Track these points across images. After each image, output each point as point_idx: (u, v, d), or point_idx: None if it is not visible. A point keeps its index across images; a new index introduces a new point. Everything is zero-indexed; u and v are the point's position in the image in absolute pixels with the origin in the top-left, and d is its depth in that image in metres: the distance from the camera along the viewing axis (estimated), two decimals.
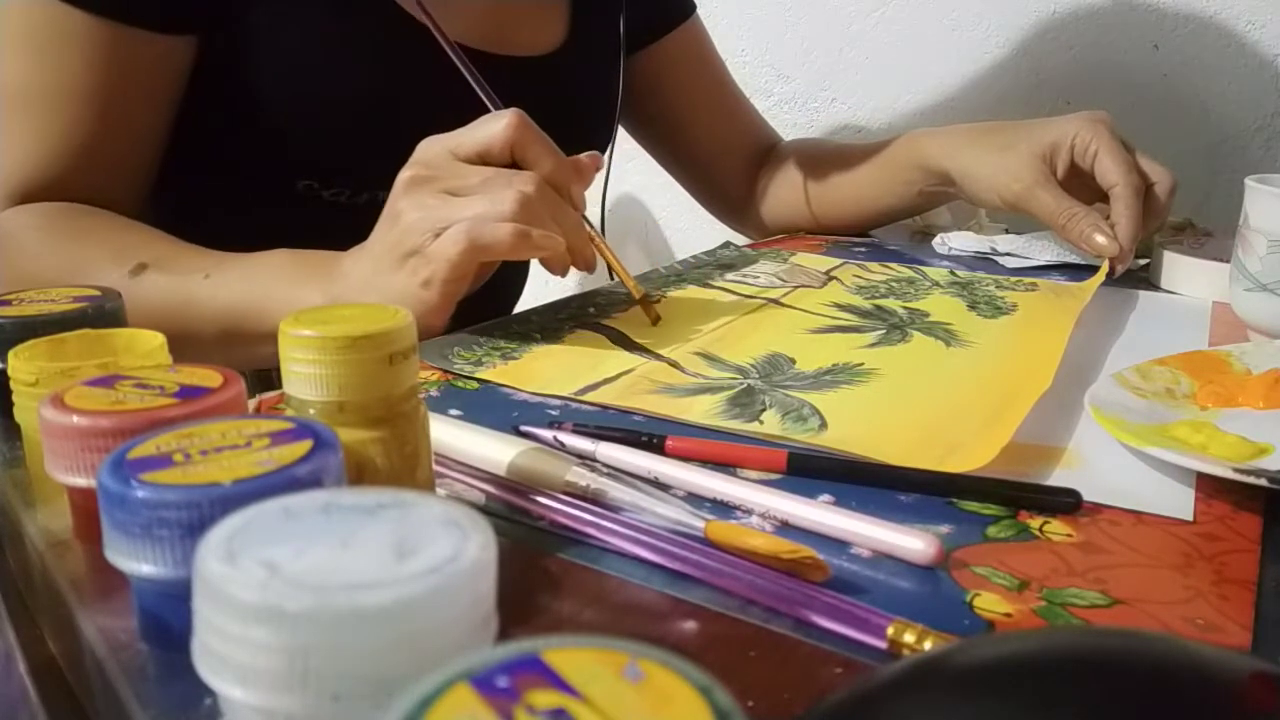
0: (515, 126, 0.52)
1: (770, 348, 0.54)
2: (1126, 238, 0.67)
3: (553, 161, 0.53)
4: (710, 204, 0.97)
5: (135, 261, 0.57)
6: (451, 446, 0.38)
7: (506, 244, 0.49)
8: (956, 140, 0.77)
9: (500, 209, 0.50)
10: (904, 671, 0.21)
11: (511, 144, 0.52)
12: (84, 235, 0.59)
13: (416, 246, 0.51)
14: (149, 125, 0.64)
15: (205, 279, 0.56)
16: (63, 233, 0.59)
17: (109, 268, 0.57)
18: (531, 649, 0.17)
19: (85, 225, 0.60)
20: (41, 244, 0.59)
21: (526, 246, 0.50)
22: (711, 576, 0.30)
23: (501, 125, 0.52)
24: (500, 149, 0.52)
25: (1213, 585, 0.31)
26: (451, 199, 0.51)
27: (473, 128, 0.53)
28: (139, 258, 0.57)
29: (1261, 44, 0.93)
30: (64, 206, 0.61)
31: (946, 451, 0.39)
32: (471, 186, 0.51)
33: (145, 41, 0.60)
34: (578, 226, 0.55)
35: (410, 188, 0.52)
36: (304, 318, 0.31)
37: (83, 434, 0.29)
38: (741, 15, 1.22)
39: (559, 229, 0.52)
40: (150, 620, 0.27)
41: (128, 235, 0.60)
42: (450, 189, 0.51)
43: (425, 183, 0.52)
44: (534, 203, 0.51)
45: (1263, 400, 0.44)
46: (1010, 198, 0.72)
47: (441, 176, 0.52)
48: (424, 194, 0.51)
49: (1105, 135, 0.70)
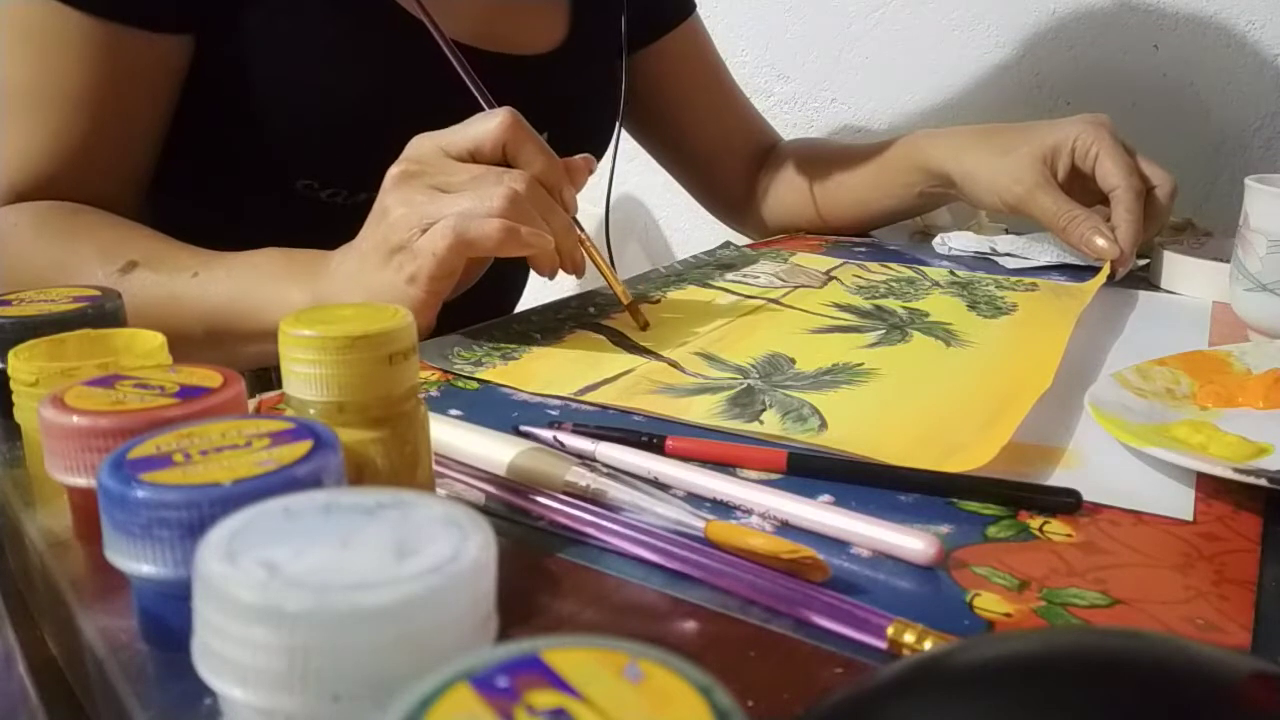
0: (507, 125, 0.52)
1: (770, 348, 0.54)
2: (1127, 241, 0.67)
3: (544, 161, 0.53)
4: (710, 204, 0.97)
5: (125, 259, 0.57)
6: (451, 446, 0.38)
7: (494, 239, 0.49)
8: (957, 142, 0.77)
9: (489, 205, 0.49)
10: (904, 671, 0.21)
11: (503, 143, 0.52)
12: (74, 233, 0.59)
13: (403, 242, 0.50)
14: (145, 125, 0.64)
15: (193, 277, 0.56)
16: (53, 231, 0.59)
17: (98, 265, 0.57)
18: (531, 649, 0.17)
19: (75, 224, 0.60)
20: (31, 243, 0.59)
21: (514, 243, 0.49)
22: (711, 576, 0.30)
23: (494, 124, 0.52)
24: (491, 147, 0.52)
25: (1213, 585, 0.31)
26: (440, 195, 0.51)
27: (465, 125, 0.53)
28: (129, 255, 0.57)
29: (1261, 44, 0.93)
30: (55, 205, 0.60)
31: (946, 451, 0.39)
32: (461, 183, 0.51)
33: (141, 41, 0.60)
34: (568, 228, 0.54)
35: (399, 183, 0.52)
36: (304, 318, 0.31)
37: (83, 434, 0.29)
38: (741, 15, 1.22)
39: (548, 229, 0.52)
40: (150, 620, 0.27)
41: (118, 233, 0.60)
42: (439, 185, 0.51)
43: (414, 178, 0.51)
44: (523, 200, 0.50)
45: (1263, 400, 0.44)
46: (1011, 200, 0.72)
47: (430, 173, 0.51)
48: (412, 190, 0.51)
49: (1106, 138, 0.70)
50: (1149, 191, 0.70)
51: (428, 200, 0.50)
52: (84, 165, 0.61)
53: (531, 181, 0.51)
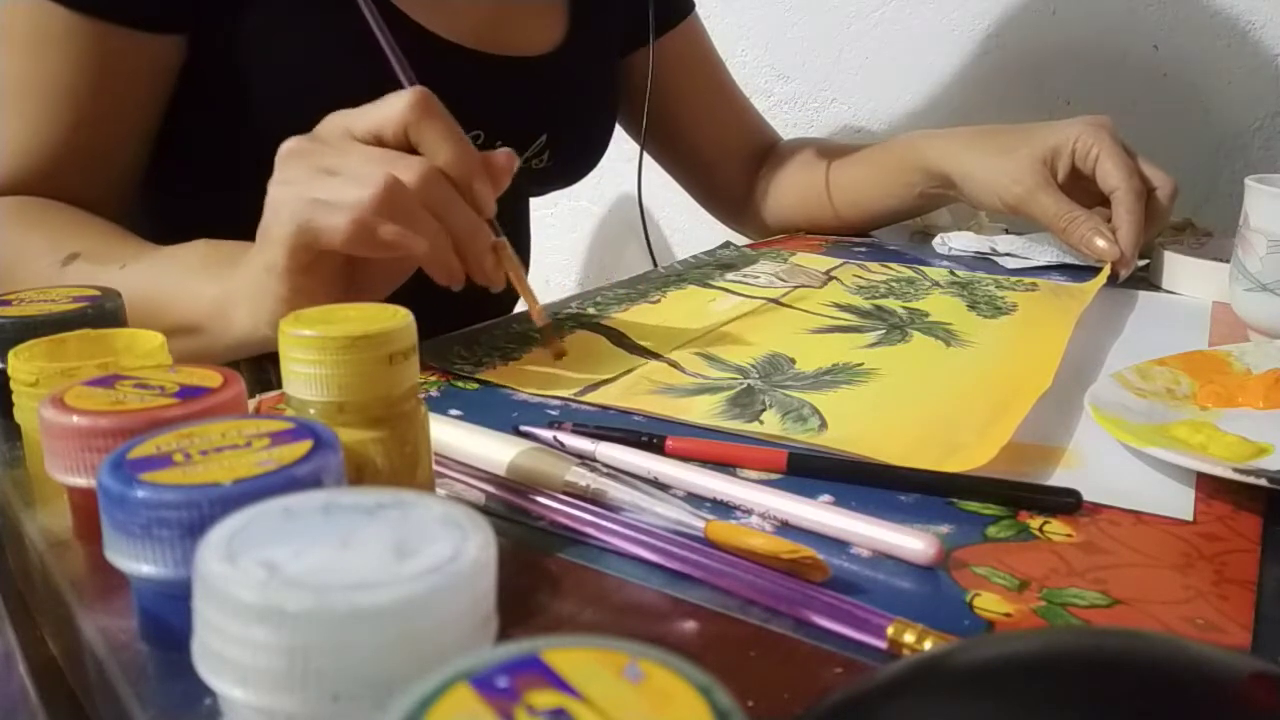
0: (413, 106, 0.46)
1: (770, 348, 0.54)
2: (1128, 242, 0.67)
3: (452, 150, 0.46)
4: (710, 204, 0.97)
5: (68, 251, 0.56)
6: (451, 446, 0.38)
7: (340, 235, 0.43)
8: (957, 143, 0.77)
9: (353, 194, 0.43)
10: (904, 671, 0.21)
11: (407, 125, 0.46)
12: (32, 226, 0.59)
13: (265, 223, 0.46)
14: (134, 124, 0.63)
15: (120, 269, 0.54)
16: (13, 224, 0.59)
17: (44, 257, 0.56)
18: (531, 649, 0.17)
19: (36, 217, 0.60)
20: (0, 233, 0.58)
21: (367, 241, 0.43)
22: (711, 576, 0.30)
23: (399, 105, 0.46)
24: (394, 130, 0.46)
25: (1213, 585, 0.31)
26: (320, 178, 0.45)
27: (373, 105, 0.47)
28: (72, 248, 0.56)
29: (1261, 44, 0.93)
30: (26, 200, 0.60)
31: (946, 451, 0.39)
32: (345, 165, 0.45)
33: (130, 41, 0.60)
34: (473, 230, 0.47)
35: (284, 160, 0.46)
36: (304, 318, 0.31)
37: (83, 434, 0.29)
38: (741, 15, 1.22)
39: (444, 229, 0.46)
40: (150, 620, 0.27)
41: (72, 227, 0.59)
42: (326, 167, 0.45)
43: (302, 156, 0.46)
44: (405, 194, 0.44)
45: (1263, 400, 0.44)
46: (1011, 201, 0.72)
47: (322, 152, 0.46)
48: (298, 168, 0.46)
49: (1106, 139, 0.70)
50: (1149, 193, 0.70)
51: (305, 181, 0.45)
52: (67, 163, 0.61)
53: (430, 173, 0.45)
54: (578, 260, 1.45)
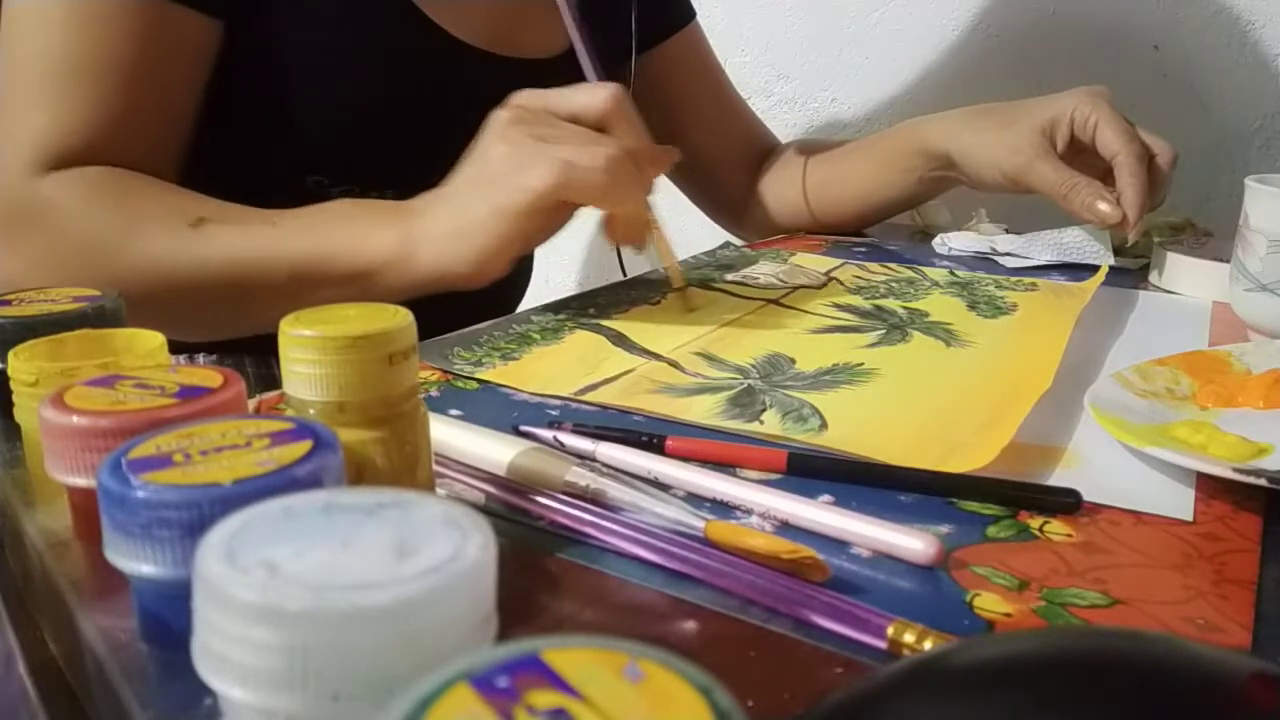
0: (615, 99, 0.55)
1: (770, 348, 0.54)
2: (1132, 205, 0.67)
3: (638, 139, 0.56)
4: (710, 209, 0.97)
5: (194, 216, 0.56)
6: (451, 446, 0.38)
7: (598, 187, 0.51)
8: (956, 121, 0.77)
9: (595, 159, 0.51)
10: (904, 671, 0.21)
11: (605, 115, 0.55)
12: (134, 195, 0.58)
13: (498, 175, 0.52)
14: (181, 103, 0.63)
15: (271, 227, 0.56)
16: (112, 193, 0.58)
17: (166, 223, 0.56)
18: (531, 649, 0.17)
19: (132, 186, 0.59)
20: (91, 205, 0.58)
21: (610, 198, 0.53)
22: (711, 576, 0.30)
23: (602, 94, 0.55)
24: (595, 116, 0.55)
25: (1213, 585, 0.31)
26: (543, 143, 0.52)
27: (571, 90, 0.56)
28: (196, 213, 0.57)
29: (1261, 44, 0.93)
30: (106, 170, 0.59)
31: (947, 451, 0.39)
32: (563, 136, 0.53)
33: (183, 18, 0.60)
34: (643, 204, 0.58)
35: (506, 125, 0.54)
36: (304, 318, 0.31)
37: (83, 434, 0.29)
38: (741, 15, 1.22)
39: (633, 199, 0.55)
40: (150, 620, 0.27)
41: (177, 195, 0.59)
42: (541, 136, 0.53)
43: (520, 124, 0.53)
44: (629, 165, 0.53)
45: (1263, 400, 0.44)
46: (1011, 172, 0.72)
47: (536, 123, 0.54)
48: (519, 132, 0.53)
49: (1105, 107, 0.69)
50: (1150, 159, 0.69)
51: (532, 143, 0.52)
52: (125, 137, 0.60)
53: (626, 152, 0.53)
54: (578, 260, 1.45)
